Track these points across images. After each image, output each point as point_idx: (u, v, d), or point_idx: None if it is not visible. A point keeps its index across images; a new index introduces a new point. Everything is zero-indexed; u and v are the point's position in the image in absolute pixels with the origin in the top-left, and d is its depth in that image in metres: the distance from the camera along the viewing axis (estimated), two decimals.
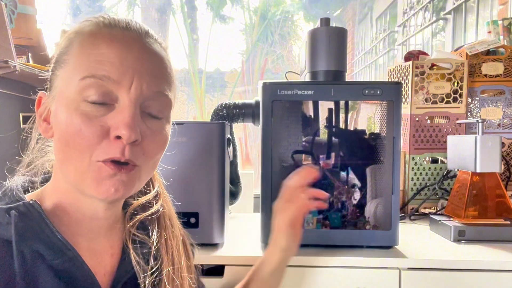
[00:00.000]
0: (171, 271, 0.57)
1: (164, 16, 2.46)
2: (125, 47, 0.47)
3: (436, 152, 1.26)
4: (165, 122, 0.52)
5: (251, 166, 2.10)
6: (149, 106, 0.49)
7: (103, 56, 0.46)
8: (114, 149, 0.46)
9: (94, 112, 0.46)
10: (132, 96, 0.47)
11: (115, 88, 0.46)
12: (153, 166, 0.53)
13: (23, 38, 1.12)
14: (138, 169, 0.49)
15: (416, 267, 0.83)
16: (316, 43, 0.93)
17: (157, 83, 0.49)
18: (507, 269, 0.82)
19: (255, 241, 0.95)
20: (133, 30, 0.49)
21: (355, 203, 0.94)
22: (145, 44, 0.49)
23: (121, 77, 0.46)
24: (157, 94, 0.49)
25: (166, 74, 0.51)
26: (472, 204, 1.00)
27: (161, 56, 0.51)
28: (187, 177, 0.88)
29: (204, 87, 2.31)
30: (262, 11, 2.46)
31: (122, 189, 0.48)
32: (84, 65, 0.46)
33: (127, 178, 0.48)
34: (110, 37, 0.47)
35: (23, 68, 0.92)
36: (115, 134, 0.46)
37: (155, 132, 0.50)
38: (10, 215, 0.46)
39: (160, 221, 0.60)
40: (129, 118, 0.46)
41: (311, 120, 0.97)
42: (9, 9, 1.07)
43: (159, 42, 0.52)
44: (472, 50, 1.26)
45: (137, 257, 0.55)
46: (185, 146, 0.87)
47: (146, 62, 0.48)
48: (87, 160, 0.46)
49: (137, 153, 0.48)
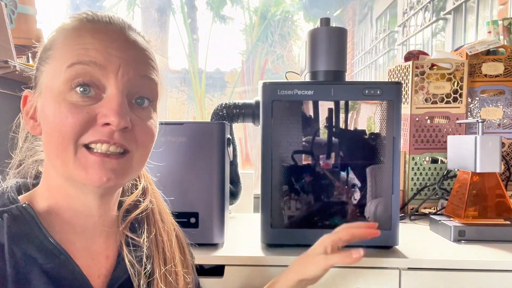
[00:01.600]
0: (163, 267, 0.57)
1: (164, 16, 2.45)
2: (108, 38, 0.48)
3: (436, 152, 1.26)
4: (152, 110, 0.52)
5: (251, 166, 2.10)
6: (137, 92, 0.49)
7: (88, 45, 0.46)
8: (101, 133, 0.46)
9: (81, 102, 0.46)
10: (119, 84, 0.47)
11: (102, 75, 0.46)
12: (145, 156, 0.52)
13: (23, 38, 1.12)
14: (130, 156, 0.49)
15: (416, 267, 0.83)
16: (316, 43, 0.93)
17: (143, 68, 0.50)
18: (507, 269, 0.82)
19: (255, 241, 0.95)
20: (116, 24, 0.50)
21: (355, 203, 0.94)
22: (128, 36, 0.49)
23: (106, 62, 0.46)
24: (144, 78, 0.50)
25: (150, 61, 0.51)
26: (472, 204, 1.00)
27: (144, 46, 0.51)
28: (187, 177, 0.88)
29: (204, 87, 2.31)
30: (262, 11, 2.46)
31: (114, 177, 0.47)
32: (70, 54, 0.47)
33: (118, 166, 0.47)
34: (93, 29, 0.48)
35: (23, 68, 0.91)
36: (103, 121, 0.46)
37: (144, 120, 0.50)
38: (2, 218, 0.46)
39: (149, 217, 0.59)
40: (118, 105, 0.46)
41: (311, 120, 0.97)
42: (9, 9, 1.07)
43: (142, 35, 0.52)
44: (472, 50, 1.26)
45: (132, 259, 0.54)
46: (185, 146, 0.87)
47: (131, 51, 0.49)
48: (72, 147, 0.46)
49: (129, 139, 0.48)
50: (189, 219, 0.88)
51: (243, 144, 2.13)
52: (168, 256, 0.59)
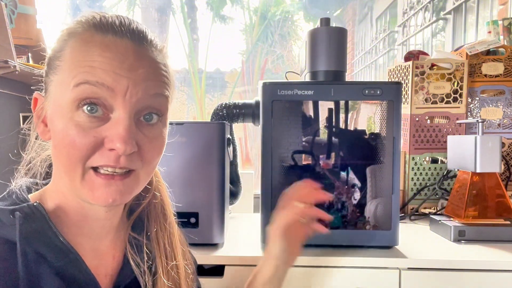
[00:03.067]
0: (165, 262, 0.57)
1: (164, 16, 2.45)
2: (118, 57, 0.46)
3: (436, 152, 1.26)
4: (161, 126, 0.51)
5: (251, 166, 2.10)
6: (146, 109, 0.48)
7: (96, 63, 0.45)
8: (108, 157, 0.46)
9: (88, 124, 0.45)
10: (127, 106, 0.46)
11: (110, 96, 0.45)
12: (153, 169, 0.53)
13: (23, 38, 1.12)
14: (136, 174, 0.49)
15: (416, 267, 0.83)
16: (316, 43, 0.93)
17: (153, 86, 0.48)
18: (507, 269, 0.82)
19: (255, 241, 0.95)
20: (127, 36, 0.47)
21: (355, 203, 0.94)
22: (139, 53, 0.48)
23: (114, 84, 0.45)
24: (154, 96, 0.49)
25: (162, 77, 0.50)
26: (472, 204, 1.00)
27: (156, 61, 0.49)
28: (187, 177, 0.88)
29: (204, 87, 2.31)
30: (262, 11, 2.46)
31: (120, 197, 0.48)
32: (77, 71, 0.45)
33: (123, 186, 0.47)
34: (102, 45, 0.46)
35: (23, 68, 0.91)
36: (109, 147, 0.45)
37: (152, 138, 0.49)
38: (14, 216, 0.47)
39: (151, 213, 0.60)
40: (124, 131, 0.45)
41: (311, 120, 0.97)
42: (9, 9, 1.07)
43: (154, 45, 0.50)
44: (472, 50, 1.26)
45: (137, 259, 0.55)
46: (185, 146, 0.87)
47: (140, 70, 0.47)
48: (80, 170, 0.46)
49: (134, 160, 0.48)
50: (189, 219, 0.88)
51: (243, 144, 2.13)
52: (169, 251, 0.59)
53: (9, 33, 0.90)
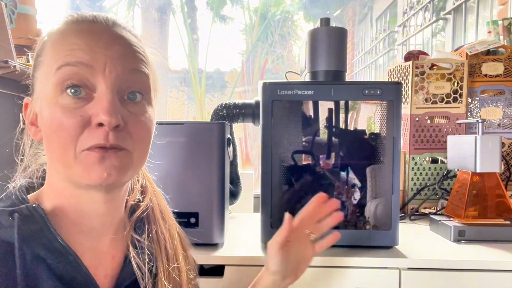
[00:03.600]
0: (166, 264, 0.57)
1: (164, 16, 2.45)
2: (93, 36, 0.48)
3: (436, 152, 1.26)
4: (146, 104, 0.51)
5: (251, 166, 2.10)
6: (128, 87, 0.49)
7: (74, 45, 0.47)
8: (97, 136, 0.46)
9: (73, 104, 0.46)
10: (108, 81, 0.47)
11: (90, 74, 0.46)
12: (145, 151, 0.52)
13: (23, 38, 1.12)
14: (128, 152, 0.49)
15: (416, 267, 0.83)
16: (316, 43, 0.93)
17: (131, 61, 0.49)
18: (507, 269, 0.82)
19: (255, 241, 0.95)
20: (100, 22, 0.50)
21: (355, 203, 0.94)
22: (113, 32, 0.49)
23: (92, 61, 0.46)
24: (133, 72, 0.49)
25: (139, 54, 0.51)
26: (472, 204, 1.00)
27: (131, 40, 0.51)
28: (187, 177, 0.88)
29: (204, 87, 2.31)
30: (262, 11, 2.46)
31: (115, 172, 0.47)
32: (57, 56, 0.47)
33: (117, 161, 0.47)
34: (78, 30, 0.48)
35: (23, 68, 0.91)
36: (96, 122, 0.46)
37: (138, 115, 0.50)
38: (13, 217, 0.47)
39: (150, 215, 0.60)
40: (108, 104, 0.46)
41: (311, 120, 0.97)
42: (9, 9, 1.07)
43: (128, 30, 0.52)
44: (472, 50, 1.26)
45: (138, 261, 0.55)
46: (185, 146, 0.87)
47: (116, 46, 0.48)
48: (72, 151, 0.46)
49: (123, 137, 0.48)
50: (189, 219, 0.88)
51: (243, 144, 2.13)
52: (170, 253, 0.59)
53: (9, 33, 0.90)
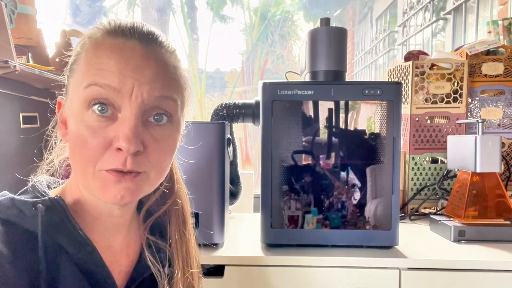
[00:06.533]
0: (183, 268, 0.59)
1: (164, 16, 2.45)
2: (123, 58, 0.47)
3: (436, 152, 1.26)
4: (171, 127, 0.51)
5: (251, 166, 2.10)
6: (154, 109, 0.49)
7: (104, 66, 0.47)
8: (116, 160, 0.47)
9: (97, 123, 0.47)
10: (133, 106, 0.47)
11: (117, 97, 0.47)
12: (163, 171, 0.53)
13: (23, 38, 1.12)
14: (146, 174, 0.50)
15: (416, 267, 0.83)
16: (316, 43, 0.93)
17: (159, 88, 0.49)
18: (507, 269, 0.82)
19: (255, 241, 0.95)
20: (136, 38, 0.48)
21: (355, 203, 0.94)
22: (146, 53, 0.48)
23: (120, 85, 0.46)
24: (161, 99, 0.49)
25: (170, 78, 0.50)
26: (472, 204, 1.00)
27: (163, 61, 0.50)
28: (187, 177, 0.88)
29: (204, 87, 2.31)
30: (262, 11, 2.46)
31: (129, 195, 0.48)
32: (87, 73, 0.47)
33: (133, 185, 0.48)
34: (111, 48, 0.48)
35: (23, 68, 0.91)
36: (116, 146, 0.47)
37: (159, 140, 0.50)
38: (36, 208, 0.49)
39: (172, 219, 0.61)
40: (129, 130, 0.46)
41: (311, 120, 0.97)
42: (9, 9, 1.07)
43: (165, 47, 0.51)
44: (472, 50, 1.26)
45: (153, 259, 0.57)
46: (185, 146, 0.87)
47: (146, 70, 0.48)
48: (92, 169, 0.48)
49: (141, 162, 0.48)
50: None
51: (243, 144, 2.13)
52: (187, 258, 0.61)
53: (9, 33, 0.90)
